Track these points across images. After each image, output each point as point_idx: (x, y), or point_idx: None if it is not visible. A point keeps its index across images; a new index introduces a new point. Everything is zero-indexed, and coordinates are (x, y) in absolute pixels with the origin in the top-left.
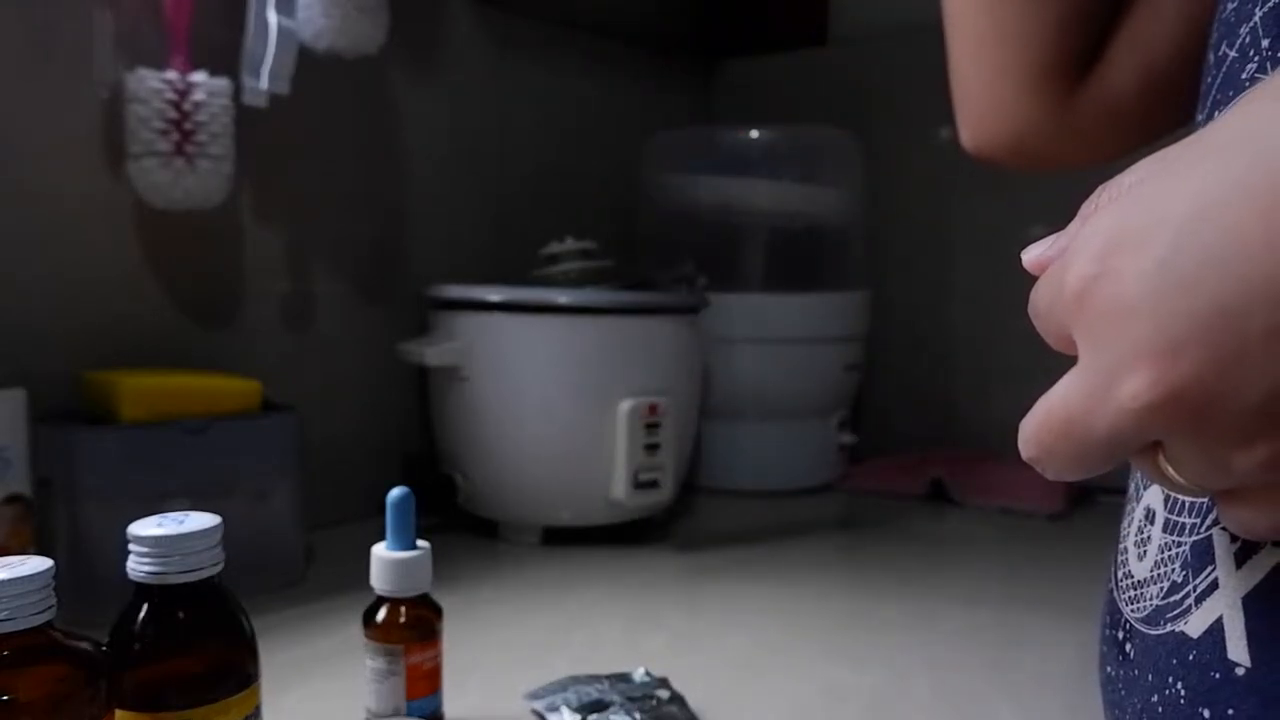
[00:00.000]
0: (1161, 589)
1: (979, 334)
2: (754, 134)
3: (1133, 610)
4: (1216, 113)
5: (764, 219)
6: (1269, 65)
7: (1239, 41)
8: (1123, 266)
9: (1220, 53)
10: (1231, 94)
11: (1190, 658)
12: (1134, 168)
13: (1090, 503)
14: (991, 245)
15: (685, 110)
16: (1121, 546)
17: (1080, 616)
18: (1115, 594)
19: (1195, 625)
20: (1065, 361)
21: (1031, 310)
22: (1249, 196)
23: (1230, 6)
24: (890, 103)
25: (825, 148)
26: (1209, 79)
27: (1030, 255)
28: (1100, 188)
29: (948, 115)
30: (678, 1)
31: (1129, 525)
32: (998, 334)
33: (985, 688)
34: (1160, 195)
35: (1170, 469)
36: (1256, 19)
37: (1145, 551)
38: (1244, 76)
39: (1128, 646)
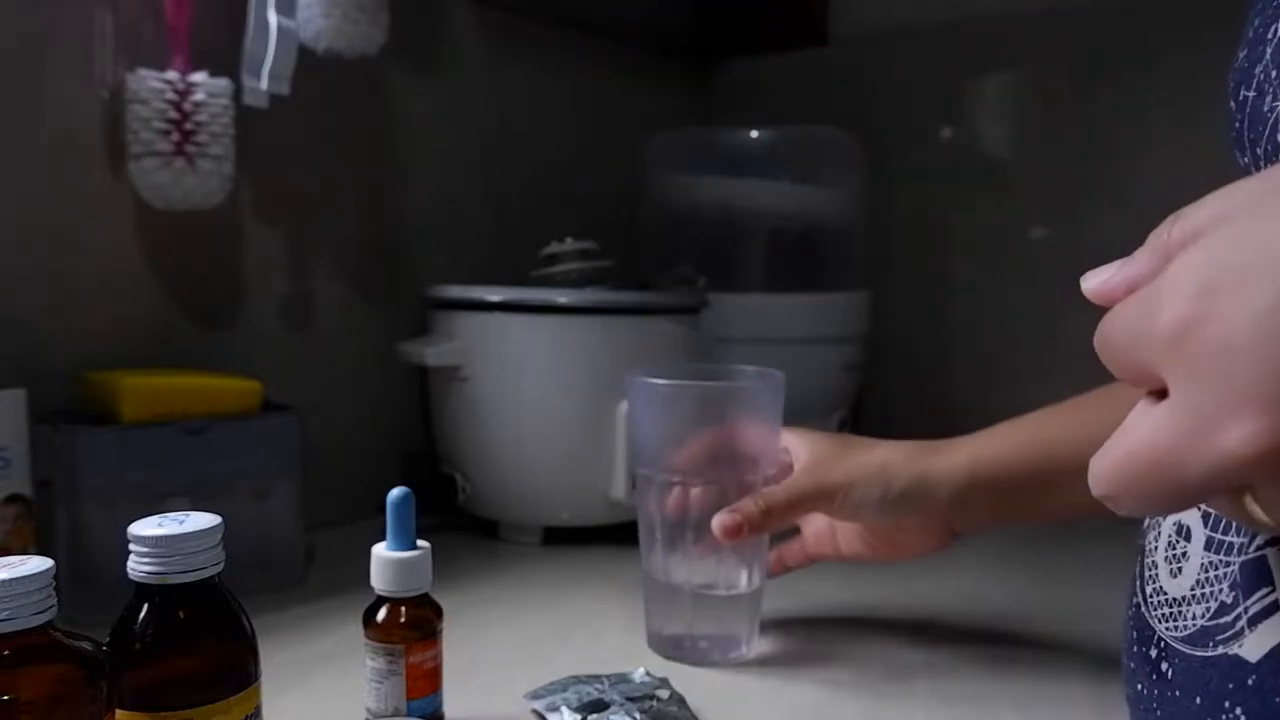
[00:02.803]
0: (1207, 609)
1: (979, 334)
2: (754, 134)
3: (1168, 628)
4: (1257, 150)
5: (764, 219)
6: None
7: (1254, 81)
8: (1227, 309)
9: (1240, 97)
10: (1261, 129)
11: (1250, 683)
12: (1208, 201)
13: None
14: (991, 245)
15: (685, 110)
16: (1148, 560)
17: (1080, 617)
18: (1144, 610)
19: (1252, 649)
20: (1067, 361)
21: (1102, 343)
22: None
23: (1241, 55)
24: (890, 103)
25: (825, 148)
26: (1236, 124)
27: (1093, 283)
28: (1170, 218)
29: (948, 115)
30: (678, 1)
31: (1156, 539)
32: (998, 334)
33: (985, 688)
34: (1260, 235)
35: (1258, 510)
36: (1268, 57)
37: (1181, 568)
38: (1265, 109)
39: (1164, 665)
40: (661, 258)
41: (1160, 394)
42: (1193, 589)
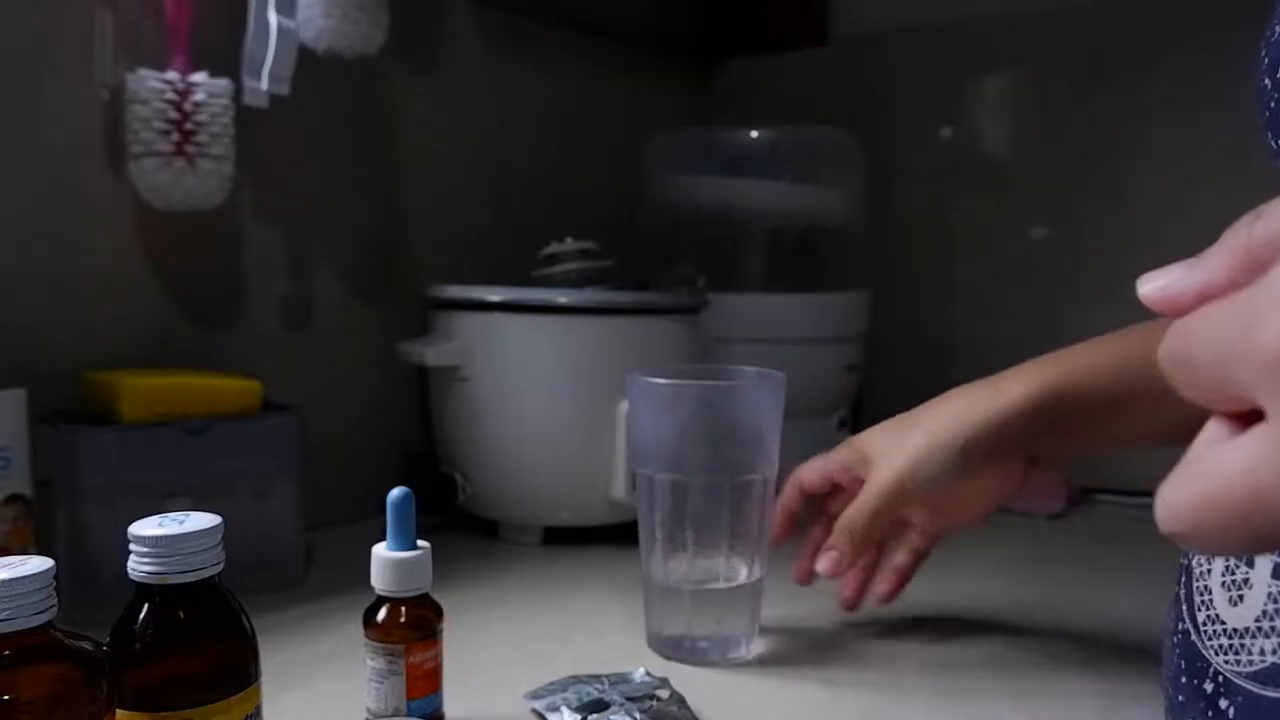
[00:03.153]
0: (1277, 645)
1: (979, 334)
2: (754, 134)
3: (1228, 662)
4: None
5: (764, 219)
6: None
7: None
8: None
9: (1277, 76)
10: None
11: None
12: None
13: (1090, 503)
14: (991, 245)
15: (685, 110)
16: (1201, 585)
17: (1080, 617)
18: (1196, 639)
19: None
20: None
21: (1179, 358)
22: None
23: (1278, 28)
24: (890, 103)
25: (825, 148)
26: (1271, 104)
27: (1152, 287)
28: (1249, 215)
29: (948, 115)
30: (677, 1)
31: (1208, 560)
32: (998, 334)
33: (985, 688)
34: None
35: None
36: None
37: (1242, 596)
38: None
39: (1222, 703)
40: (661, 258)
41: (1243, 417)
42: (1258, 621)
